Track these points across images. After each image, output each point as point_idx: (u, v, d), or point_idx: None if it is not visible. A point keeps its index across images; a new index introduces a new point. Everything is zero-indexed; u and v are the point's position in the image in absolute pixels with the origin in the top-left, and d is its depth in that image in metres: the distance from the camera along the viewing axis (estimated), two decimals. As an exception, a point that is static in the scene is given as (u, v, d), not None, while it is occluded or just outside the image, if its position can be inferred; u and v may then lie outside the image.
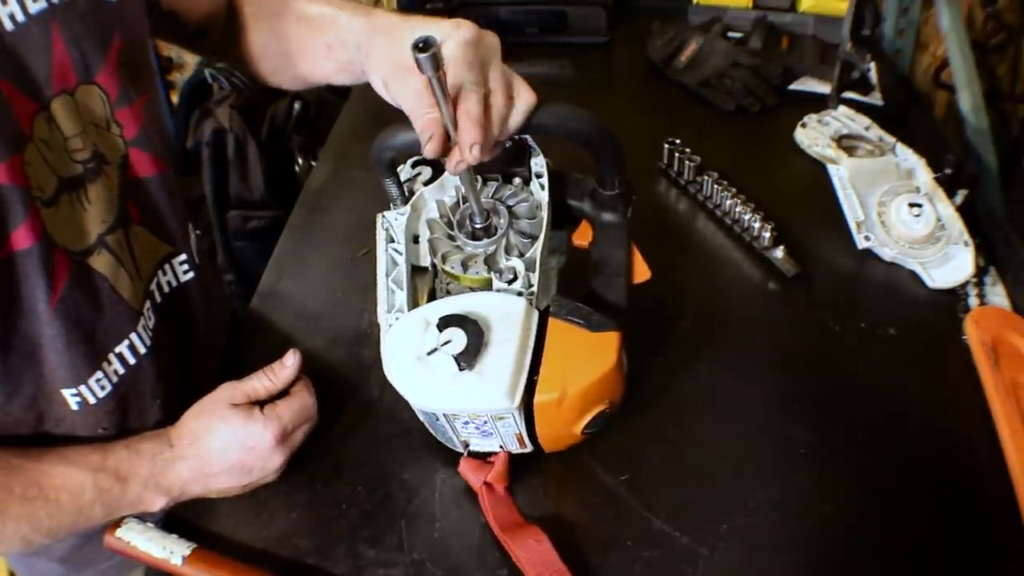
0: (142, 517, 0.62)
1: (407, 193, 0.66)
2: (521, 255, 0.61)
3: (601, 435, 0.68)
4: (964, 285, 0.81)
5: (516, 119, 0.55)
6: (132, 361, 0.63)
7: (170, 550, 0.59)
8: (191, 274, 0.71)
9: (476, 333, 0.55)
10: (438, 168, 0.68)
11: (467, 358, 0.54)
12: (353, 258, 0.89)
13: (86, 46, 0.56)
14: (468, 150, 0.52)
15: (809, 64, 1.18)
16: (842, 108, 1.05)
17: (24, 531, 0.57)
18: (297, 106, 1.68)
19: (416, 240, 0.66)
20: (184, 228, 0.70)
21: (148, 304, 0.65)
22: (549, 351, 0.57)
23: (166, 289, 0.68)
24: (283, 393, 0.65)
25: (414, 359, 0.56)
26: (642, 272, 0.65)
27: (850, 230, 0.87)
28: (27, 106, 0.52)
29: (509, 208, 0.63)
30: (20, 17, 0.51)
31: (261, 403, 0.64)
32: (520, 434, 0.60)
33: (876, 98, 1.10)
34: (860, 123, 1.02)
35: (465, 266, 0.61)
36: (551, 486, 0.66)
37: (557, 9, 1.30)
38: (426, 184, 0.66)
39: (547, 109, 0.56)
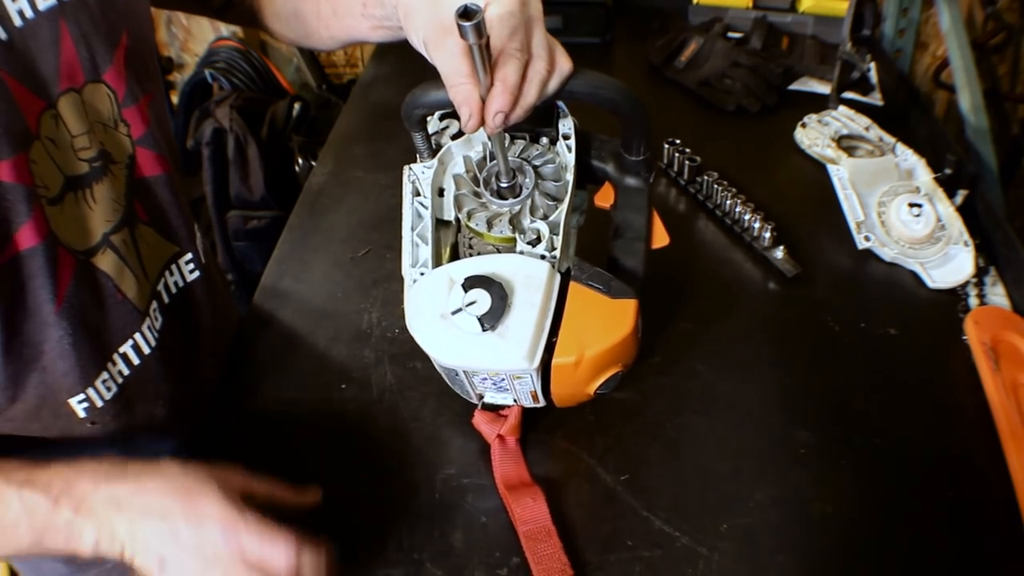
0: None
1: (434, 146, 0.65)
2: (545, 217, 0.62)
3: (601, 435, 0.68)
4: (964, 285, 0.81)
5: (553, 85, 0.55)
6: (137, 362, 0.63)
7: (170, 550, 0.59)
8: (197, 273, 0.71)
9: (500, 295, 0.56)
10: None
11: (491, 319, 0.56)
12: (353, 258, 0.89)
13: (95, 44, 0.55)
14: (492, 116, 0.52)
15: (809, 64, 1.18)
16: (842, 108, 1.05)
17: None
18: (297, 106, 1.68)
19: (441, 193, 0.65)
20: (189, 227, 0.70)
21: (155, 305, 0.65)
22: (569, 315, 0.58)
23: (173, 290, 0.68)
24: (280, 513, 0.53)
25: (438, 317, 0.57)
26: (661, 237, 0.65)
27: (850, 230, 0.87)
28: (34, 103, 0.52)
29: (535, 168, 0.63)
30: (29, 13, 0.50)
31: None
32: (535, 391, 0.61)
33: (876, 98, 1.10)
34: (860, 123, 1.02)
35: (490, 224, 0.62)
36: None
37: (557, 9, 1.30)
38: (453, 138, 0.66)
39: (580, 77, 0.57)
